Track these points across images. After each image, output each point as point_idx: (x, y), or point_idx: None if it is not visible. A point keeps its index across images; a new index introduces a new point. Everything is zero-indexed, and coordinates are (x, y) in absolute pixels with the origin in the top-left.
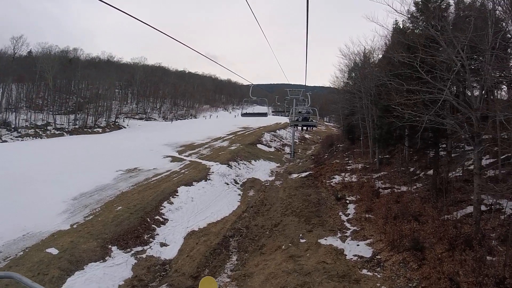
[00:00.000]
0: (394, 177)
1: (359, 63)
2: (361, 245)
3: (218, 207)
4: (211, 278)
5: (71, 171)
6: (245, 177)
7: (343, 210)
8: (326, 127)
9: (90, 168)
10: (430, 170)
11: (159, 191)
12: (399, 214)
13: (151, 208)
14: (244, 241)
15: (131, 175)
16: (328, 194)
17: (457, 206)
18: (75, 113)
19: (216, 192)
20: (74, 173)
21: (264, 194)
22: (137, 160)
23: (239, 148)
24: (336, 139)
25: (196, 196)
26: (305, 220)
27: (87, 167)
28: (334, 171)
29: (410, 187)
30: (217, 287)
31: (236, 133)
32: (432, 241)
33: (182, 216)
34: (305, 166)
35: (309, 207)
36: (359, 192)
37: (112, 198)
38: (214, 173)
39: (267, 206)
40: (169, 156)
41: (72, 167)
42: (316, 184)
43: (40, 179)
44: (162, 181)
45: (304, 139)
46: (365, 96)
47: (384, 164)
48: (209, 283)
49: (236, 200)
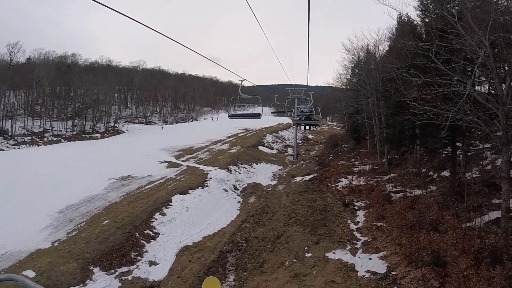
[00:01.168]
0: (405, 180)
1: (364, 58)
2: (374, 259)
3: (215, 217)
4: (215, 278)
5: (60, 180)
6: (246, 182)
7: (351, 217)
8: (329, 126)
9: (81, 177)
10: (443, 171)
11: (151, 201)
12: (415, 223)
13: (141, 221)
14: (243, 256)
15: (123, 184)
16: (334, 199)
17: (478, 211)
18: (73, 119)
19: (214, 200)
20: (63, 183)
21: (265, 201)
22: (132, 167)
23: (240, 151)
24: (340, 139)
25: (192, 206)
26: (311, 230)
27: (77, 176)
28: (340, 174)
29: (424, 191)
30: (221, 286)
31: (237, 135)
32: (454, 254)
33: (175, 229)
34: (309, 168)
35: (314, 215)
36: (368, 197)
37: (99, 211)
38: (212, 179)
39: (268, 214)
40: (166, 161)
41: (61, 177)
42: (321, 188)
43: (26, 191)
44: (156, 189)
45: (307, 140)
46: (370, 93)
47: (394, 165)
48: (213, 283)
49: (236, 209)
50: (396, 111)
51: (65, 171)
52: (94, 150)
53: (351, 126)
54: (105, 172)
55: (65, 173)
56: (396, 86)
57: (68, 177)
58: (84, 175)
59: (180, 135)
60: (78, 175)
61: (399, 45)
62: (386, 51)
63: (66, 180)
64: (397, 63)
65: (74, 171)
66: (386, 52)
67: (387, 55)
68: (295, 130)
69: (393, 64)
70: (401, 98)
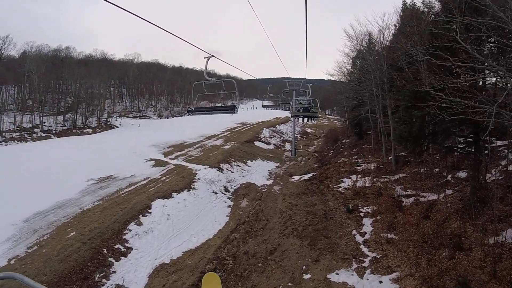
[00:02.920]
0: (416, 181)
1: (368, 45)
2: (386, 282)
3: (200, 225)
4: (214, 274)
5: (35, 182)
6: (238, 182)
7: (357, 226)
8: (328, 120)
9: (59, 177)
10: (459, 171)
11: (127, 207)
12: (433, 236)
13: (112, 233)
14: (229, 279)
15: (102, 186)
16: (336, 203)
17: (504, 222)
18: (64, 114)
19: (201, 205)
20: (38, 184)
21: (259, 204)
22: (115, 166)
23: (234, 147)
24: (340, 133)
25: (174, 213)
26: (310, 243)
27: (55, 177)
28: (342, 173)
29: (439, 195)
30: (220, 283)
31: (232, 130)
32: (483, 280)
33: (152, 243)
34: (308, 166)
35: (314, 223)
36: (375, 202)
37: (68, 220)
38: (201, 179)
39: (262, 222)
40: (153, 159)
41: (37, 177)
42: (322, 190)
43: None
44: (136, 193)
45: (306, 134)
46: (375, 83)
47: (401, 163)
48: (212, 279)
49: (225, 215)
50: (414, 103)
51: (43, 171)
52: (80, 147)
53: (352, 120)
54: (86, 172)
55: (42, 173)
56: (412, 74)
57: (44, 177)
58: (62, 176)
59: (173, 129)
60: (55, 176)
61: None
62: (393, 35)
63: (42, 181)
64: (415, 45)
65: (52, 171)
66: (393, 36)
67: (396, 40)
68: (293, 124)
69: (414, 45)
70: (422, 87)
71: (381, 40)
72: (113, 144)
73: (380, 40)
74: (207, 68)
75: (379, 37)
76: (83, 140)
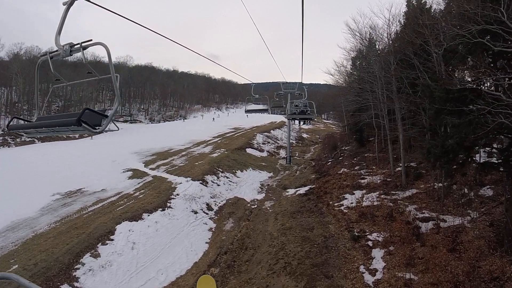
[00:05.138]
0: (431, 199)
1: (371, 40)
2: None
3: (172, 257)
4: (209, 276)
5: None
6: (224, 198)
7: (365, 261)
8: (325, 125)
9: (24, 190)
10: (482, 188)
11: (85, 233)
12: (465, 280)
13: (60, 268)
14: None
15: (66, 203)
16: (338, 227)
17: None
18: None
19: (176, 228)
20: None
21: (247, 226)
22: (88, 177)
23: (223, 155)
24: (339, 139)
25: (141, 240)
26: (307, 285)
27: (20, 189)
28: (343, 187)
29: (463, 219)
30: (215, 285)
31: (224, 136)
32: None
33: (108, 282)
34: (304, 176)
35: (311, 255)
36: (386, 227)
37: (15, 247)
38: (179, 195)
39: (248, 252)
40: (131, 169)
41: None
42: (320, 209)
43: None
44: (100, 212)
45: (302, 139)
46: (380, 85)
47: (412, 177)
48: (207, 282)
49: (204, 241)
50: (452, 107)
51: (8, 182)
52: (60, 154)
53: (353, 126)
54: (55, 184)
55: (6, 185)
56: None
57: (7, 190)
58: (28, 188)
59: (162, 135)
60: (21, 188)
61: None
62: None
63: (2, 195)
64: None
65: (19, 182)
66: (403, 28)
67: (407, 31)
68: (288, 128)
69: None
70: (466, 84)
71: (389, 33)
72: (95, 150)
73: (388, 33)
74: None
75: (387, 29)
76: (67, 145)
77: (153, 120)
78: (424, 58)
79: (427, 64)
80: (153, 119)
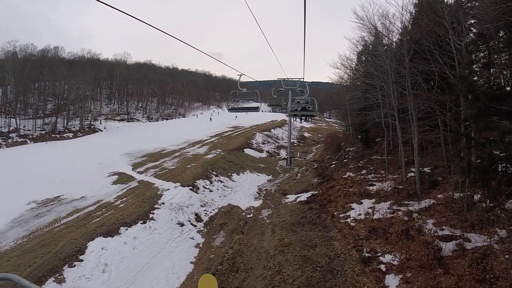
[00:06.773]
0: (451, 212)
1: (382, 29)
2: None
3: (149, 281)
4: (211, 276)
5: None
6: (217, 206)
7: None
8: (327, 123)
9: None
10: (509, 200)
11: (52, 252)
12: None
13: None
14: None
15: (40, 213)
16: (345, 245)
17: None
18: (43, 117)
19: (157, 245)
20: None
21: (240, 241)
22: (70, 182)
23: (219, 156)
24: (343, 139)
25: (115, 261)
26: None
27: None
28: (349, 195)
29: (490, 239)
30: (217, 284)
31: (221, 135)
32: None
33: None
34: (305, 180)
35: (313, 281)
36: (402, 247)
37: None
38: (165, 204)
39: (240, 275)
40: (118, 173)
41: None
42: (324, 220)
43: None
44: (73, 226)
45: (304, 139)
46: (391, 81)
47: (427, 184)
48: (209, 281)
49: (189, 261)
50: (505, 106)
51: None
52: (48, 155)
53: (359, 126)
54: (33, 191)
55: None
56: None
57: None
58: (2, 196)
59: (157, 134)
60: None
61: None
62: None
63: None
64: None
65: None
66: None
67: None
68: (289, 126)
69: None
70: None
71: (402, 21)
72: (84, 151)
73: (402, 21)
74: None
75: (399, 17)
76: (59, 146)
77: (151, 118)
78: (444, 49)
79: (445, 57)
80: (151, 118)
